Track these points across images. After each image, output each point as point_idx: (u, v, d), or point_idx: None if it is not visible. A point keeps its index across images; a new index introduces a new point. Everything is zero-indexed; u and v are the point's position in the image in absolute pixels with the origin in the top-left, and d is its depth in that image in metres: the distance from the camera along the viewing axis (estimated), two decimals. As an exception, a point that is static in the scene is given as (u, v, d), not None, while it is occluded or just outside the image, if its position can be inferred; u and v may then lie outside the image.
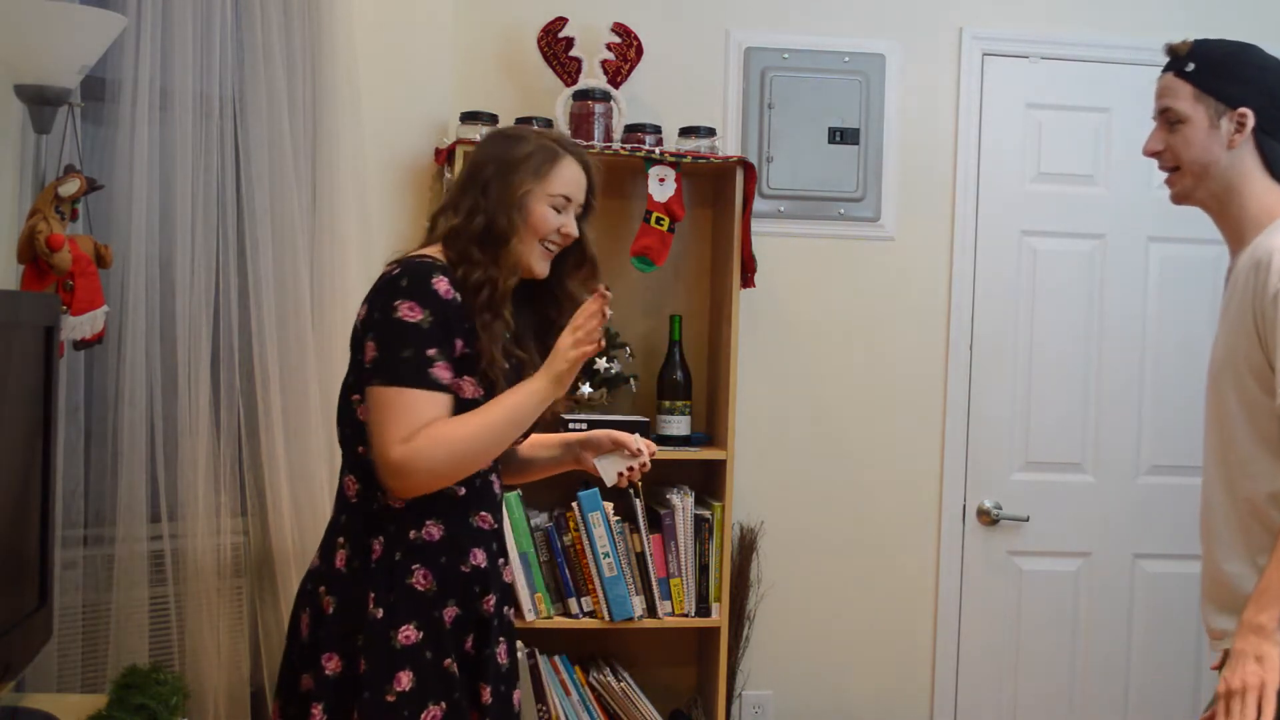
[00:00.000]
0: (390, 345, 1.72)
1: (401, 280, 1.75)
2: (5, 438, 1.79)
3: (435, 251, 1.84)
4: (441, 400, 1.74)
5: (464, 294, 1.78)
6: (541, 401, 1.81)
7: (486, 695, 1.84)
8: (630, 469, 2.05)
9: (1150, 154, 1.99)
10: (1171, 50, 1.96)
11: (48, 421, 1.97)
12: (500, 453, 1.83)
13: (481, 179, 1.86)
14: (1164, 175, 1.99)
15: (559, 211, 1.87)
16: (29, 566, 1.92)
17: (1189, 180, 1.94)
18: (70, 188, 2.15)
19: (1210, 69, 1.91)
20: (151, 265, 2.40)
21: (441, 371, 1.73)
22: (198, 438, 2.44)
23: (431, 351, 1.72)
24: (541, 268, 1.90)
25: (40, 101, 2.11)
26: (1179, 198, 1.99)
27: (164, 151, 2.43)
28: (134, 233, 2.37)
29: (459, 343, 1.77)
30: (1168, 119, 1.94)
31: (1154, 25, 3.31)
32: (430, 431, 1.71)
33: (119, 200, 2.38)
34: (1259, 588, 1.74)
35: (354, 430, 1.81)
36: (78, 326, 2.16)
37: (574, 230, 1.90)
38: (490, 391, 1.79)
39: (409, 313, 1.72)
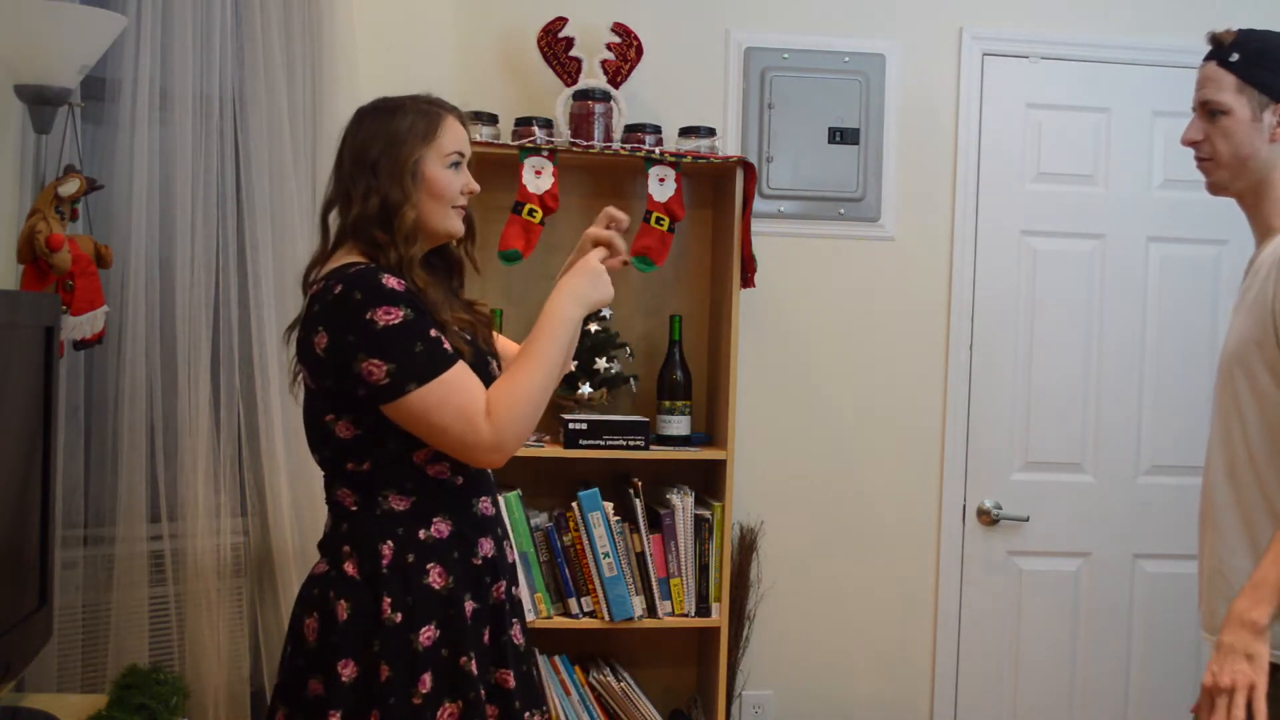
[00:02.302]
0: (398, 352, 1.69)
1: (354, 294, 1.71)
2: (5, 438, 1.79)
3: (351, 254, 1.81)
4: (466, 366, 1.75)
5: (400, 278, 1.76)
6: (574, 322, 1.82)
7: (510, 680, 1.84)
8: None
9: (1188, 143, 1.95)
10: (1215, 39, 1.92)
11: (48, 421, 1.97)
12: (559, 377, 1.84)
13: (369, 160, 1.82)
14: (1196, 164, 1.96)
15: (457, 167, 1.86)
16: (29, 566, 1.93)
17: (1225, 173, 1.91)
18: (70, 188, 2.16)
19: (1255, 60, 1.87)
20: (151, 265, 2.40)
21: (448, 344, 1.75)
22: (198, 438, 2.44)
23: (433, 333, 1.73)
24: (458, 226, 1.89)
25: (40, 101, 2.11)
26: (1215, 189, 1.96)
27: (164, 151, 2.43)
28: (134, 233, 2.38)
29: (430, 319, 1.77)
30: (1208, 110, 1.91)
31: (1154, 25, 3.32)
32: (499, 398, 1.73)
33: (119, 200, 2.38)
34: (1254, 579, 1.72)
35: (336, 450, 1.79)
36: (78, 326, 2.17)
37: (475, 185, 1.89)
38: (459, 358, 1.77)
39: (388, 317, 1.69)
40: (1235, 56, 1.88)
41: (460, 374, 1.72)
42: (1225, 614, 1.85)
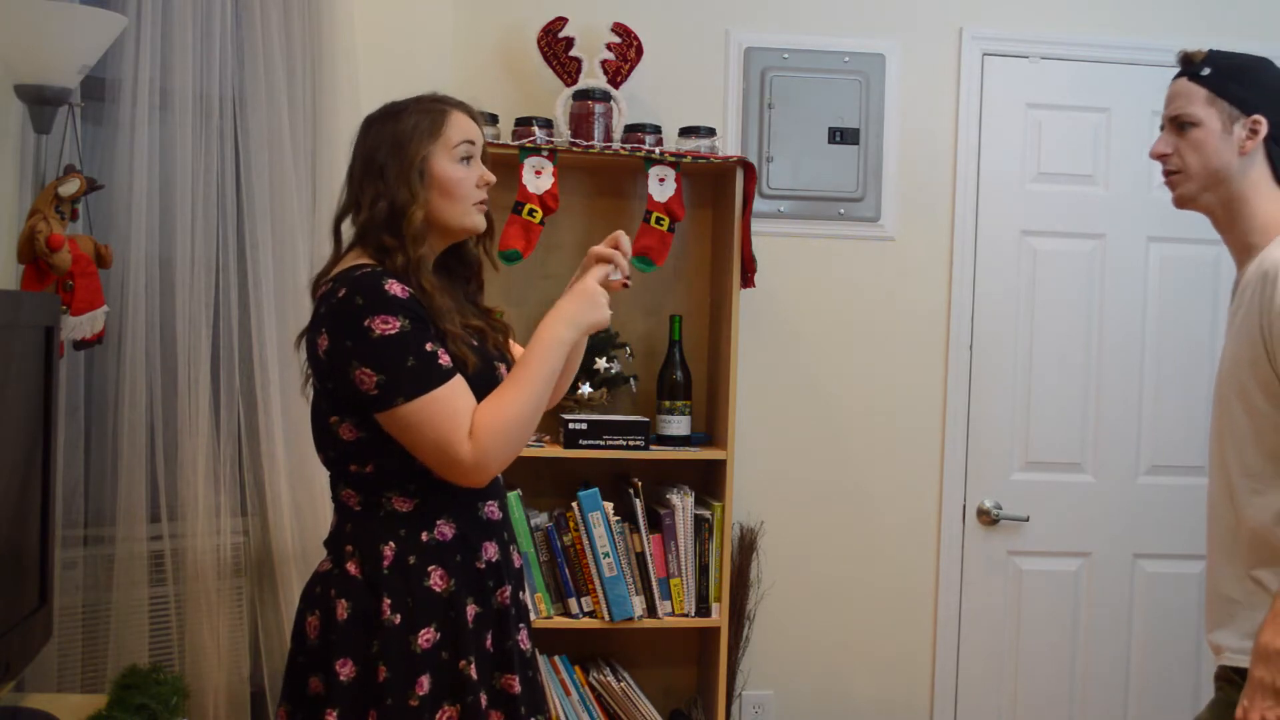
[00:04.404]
0: (389, 364, 1.69)
1: (355, 299, 1.70)
2: (5, 438, 1.79)
3: (360, 258, 1.80)
4: (461, 381, 1.73)
5: (406, 283, 1.75)
6: (566, 344, 1.80)
7: (515, 685, 1.83)
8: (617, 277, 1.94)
9: (1157, 157, 1.96)
10: (1186, 57, 1.94)
11: (48, 421, 1.97)
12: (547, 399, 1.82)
13: (377, 164, 1.82)
14: (1164, 179, 1.96)
15: (469, 161, 1.84)
16: (29, 566, 1.93)
17: (1193, 185, 1.92)
18: (70, 188, 2.16)
19: (1226, 74, 1.89)
20: (151, 265, 2.40)
21: (445, 358, 1.73)
22: (198, 438, 2.44)
23: (429, 346, 1.71)
24: (478, 220, 1.87)
25: (40, 101, 2.11)
26: (1181, 201, 1.96)
27: (164, 151, 2.43)
28: (134, 233, 2.38)
29: (432, 329, 1.75)
30: (1178, 123, 1.92)
31: (1154, 25, 3.32)
32: (483, 420, 1.71)
33: (119, 200, 2.38)
34: (1274, 609, 1.69)
35: (340, 451, 1.79)
36: (78, 326, 2.17)
37: (491, 175, 1.86)
38: (463, 367, 1.75)
39: (385, 326, 1.69)
40: (1207, 70, 1.90)
41: (450, 392, 1.70)
42: (1225, 636, 1.84)
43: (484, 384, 1.78)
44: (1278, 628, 1.67)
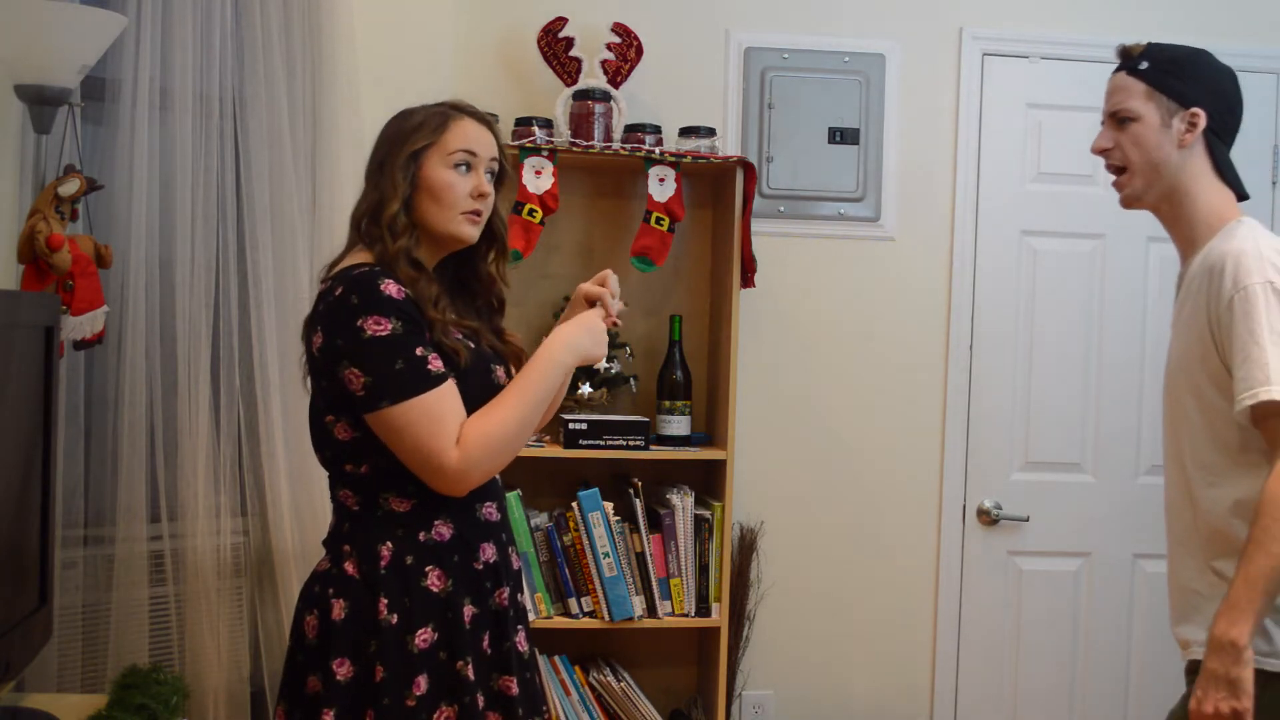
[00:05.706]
0: (378, 365, 1.68)
1: (350, 298, 1.70)
2: (5, 438, 1.79)
3: (361, 254, 1.80)
4: (451, 387, 1.73)
5: (401, 280, 1.74)
6: (565, 368, 1.82)
7: (513, 687, 1.83)
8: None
9: (1098, 152, 1.97)
10: (1124, 51, 1.96)
11: (48, 421, 1.97)
12: (538, 418, 1.83)
13: (378, 160, 1.84)
14: (1112, 178, 1.97)
15: (467, 169, 1.82)
16: (29, 566, 1.92)
17: (1139, 181, 1.92)
18: (70, 188, 2.16)
19: (1164, 68, 1.90)
20: (151, 265, 2.40)
21: (435, 363, 1.72)
22: (198, 438, 2.44)
23: (419, 351, 1.71)
24: (466, 230, 1.84)
25: (40, 101, 2.11)
26: (1129, 201, 1.97)
27: (164, 151, 2.43)
28: (134, 233, 2.38)
29: (426, 334, 1.75)
30: (1118, 118, 1.93)
31: (1154, 26, 3.31)
32: (473, 431, 1.71)
33: (119, 200, 2.38)
34: (1228, 600, 1.70)
35: (336, 451, 1.79)
36: (78, 326, 2.17)
37: (487, 187, 1.84)
38: (454, 364, 1.75)
39: (376, 327, 1.68)
40: (1144, 65, 1.91)
41: (437, 398, 1.70)
42: (1189, 630, 1.85)
43: (479, 385, 1.78)
44: (1231, 619, 1.68)
